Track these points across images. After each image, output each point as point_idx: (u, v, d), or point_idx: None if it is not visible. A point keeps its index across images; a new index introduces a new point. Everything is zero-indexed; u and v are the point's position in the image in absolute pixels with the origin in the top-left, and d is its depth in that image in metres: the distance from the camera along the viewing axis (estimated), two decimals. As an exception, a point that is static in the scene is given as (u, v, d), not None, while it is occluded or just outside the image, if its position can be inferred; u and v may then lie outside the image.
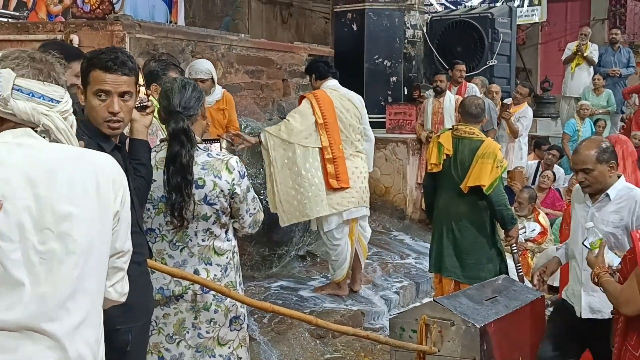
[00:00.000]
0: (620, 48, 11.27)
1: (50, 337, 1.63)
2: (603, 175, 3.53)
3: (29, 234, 1.62)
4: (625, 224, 3.53)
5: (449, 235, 5.06)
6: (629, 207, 3.53)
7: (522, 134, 8.38)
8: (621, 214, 3.53)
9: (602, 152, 3.54)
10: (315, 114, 5.30)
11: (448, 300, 3.86)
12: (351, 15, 9.20)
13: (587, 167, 3.53)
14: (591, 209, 3.63)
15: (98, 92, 2.50)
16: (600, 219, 3.58)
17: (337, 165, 5.33)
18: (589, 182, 3.55)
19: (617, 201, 3.56)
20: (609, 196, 3.57)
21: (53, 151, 1.73)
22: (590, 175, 3.54)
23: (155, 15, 9.94)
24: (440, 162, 5.01)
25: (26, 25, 6.61)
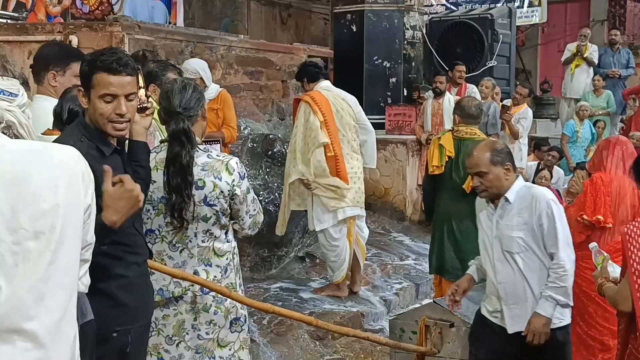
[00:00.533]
0: (620, 49, 11.28)
1: (31, 336, 1.61)
2: (498, 178, 3.35)
3: (3, 236, 1.59)
4: (530, 225, 3.33)
5: (450, 236, 5.05)
6: (530, 206, 3.33)
7: (522, 135, 8.38)
8: (523, 215, 3.33)
9: (496, 153, 3.37)
10: (316, 115, 5.30)
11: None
12: (351, 16, 9.20)
13: (481, 170, 3.35)
14: (495, 217, 3.43)
15: (105, 95, 2.47)
16: (505, 225, 3.38)
17: (338, 163, 5.36)
18: (485, 187, 3.37)
19: (517, 203, 3.36)
20: (508, 200, 3.37)
21: (20, 149, 1.69)
22: (485, 179, 3.35)
23: (154, 16, 9.94)
24: (443, 164, 5.00)
25: (25, 26, 6.61)
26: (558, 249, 3.29)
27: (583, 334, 4.58)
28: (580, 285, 4.58)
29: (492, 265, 3.42)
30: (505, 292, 3.38)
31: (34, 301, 1.61)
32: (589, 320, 4.56)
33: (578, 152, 9.57)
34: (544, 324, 3.30)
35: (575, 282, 4.60)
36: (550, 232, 3.29)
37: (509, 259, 3.36)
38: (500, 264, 3.39)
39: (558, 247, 3.29)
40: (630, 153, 4.56)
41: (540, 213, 3.29)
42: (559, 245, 3.30)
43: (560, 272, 3.31)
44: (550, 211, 3.29)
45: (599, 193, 4.41)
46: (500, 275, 3.39)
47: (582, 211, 4.43)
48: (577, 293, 4.62)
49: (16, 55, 5.96)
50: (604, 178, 4.44)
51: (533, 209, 3.30)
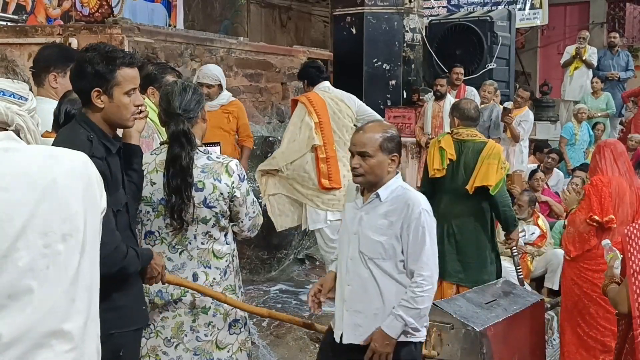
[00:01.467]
0: (619, 51, 11.29)
1: (68, 337, 1.64)
2: (381, 166, 2.96)
3: (35, 239, 1.62)
4: (394, 232, 2.95)
5: (450, 239, 5.04)
6: (401, 211, 2.94)
7: (523, 138, 8.38)
8: (390, 218, 2.96)
9: (389, 139, 2.98)
10: (311, 116, 5.32)
11: (447, 304, 3.85)
12: (350, 18, 9.19)
13: (367, 151, 2.95)
14: (360, 212, 3.04)
15: (131, 90, 2.52)
16: (369, 223, 3.00)
17: (329, 165, 5.34)
18: (364, 171, 2.96)
19: (388, 203, 2.98)
20: (379, 196, 2.99)
21: (39, 154, 1.72)
22: (368, 162, 2.95)
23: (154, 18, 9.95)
24: (444, 167, 4.99)
25: (25, 28, 6.61)
26: (421, 267, 2.93)
27: (584, 335, 4.59)
28: (582, 287, 4.59)
29: (345, 262, 3.06)
30: (352, 295, 3.03)
31: (68, 303, 1.66)
32: (590, 322, 4.57)
33: (577, 154, 9.58)
34: (387, 343, 2.94)
35: (577, 284, 4.63)
36: (415, 246, 2.93)
37: (364, 262, 3.00)
38: (352, 264, 3.03)
39: (421, 264, 2.93)
40: (619, 153, 4.60)
41: (410, 222, 2.92)
42: (422, 261, 2.93)
43: (418, 292, 2.94)
44: (422, 223, 2.93)
45: (603, 194, 4.43)
46: (351, 275, 3.03)
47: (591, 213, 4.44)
48: (579, 294, 4.63)
49: (16, 57, 5.97)
50: (603, 179, 4.47)
51: (404, 215, 2.93)
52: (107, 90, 2.49)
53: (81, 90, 2.54)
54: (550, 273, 6.57)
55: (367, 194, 3.04)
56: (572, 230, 4.64)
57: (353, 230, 3.03)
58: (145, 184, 2.96)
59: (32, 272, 1.61)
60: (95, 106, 2.51)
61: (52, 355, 1.62)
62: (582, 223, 4.51)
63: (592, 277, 4.50)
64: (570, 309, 4.73)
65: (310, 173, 5.33)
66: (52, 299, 1.63)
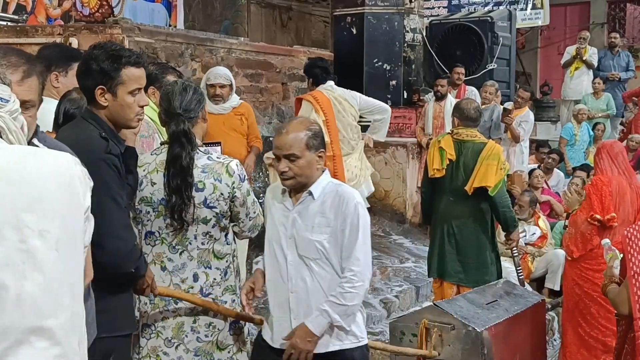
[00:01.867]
0: (620, 52, 11.29)
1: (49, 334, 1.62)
2: (310, 166, 2.83)
3: (8, 234, 1.60)
4: (333, 229, 2.83)
5: (450, 239, 5.05)
6: (336, 207, 2.83)
7: (523, 138, 8.38)
8: (328, 216, 2.84)
9: (313, 136, 2.85)
10: (318, 113, 5.35)
11: (448, 304, 3.85)
12: (351, 19, 9.20)
13: (294, 153, 2.80)
14: (292, 214, 2.89)
15: (135, 90, 2.52)
16: (304, 224, 2.86)
17: (335, 163, 5.39)
18: (293, 173, 2.82)
19: (322, 201, 2.86)
20: (312, 195, 2.86)
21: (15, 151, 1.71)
22: (297, 165, 2.81)
23: (154, 18, 9.94)
24: (444, 168, 5.00)
25: (25, 28, 6.61)
26: (352, 262, 2.82)
27: (585, 335, 4.59)
28: (583, 287, 4.60)
29: (285, 270, 2.89)
30: (298, 303, 2.87)
31: (50, 299, 1.63)
32: (592, 321, 4.57)
33: (577, 154, 9.58)
34: (309, 340, 2.80)
35: (577, 284, 4.63)
36: (350, 241, 2.82)
37: (305, 265, 2.86)
38: (294, 270, 2.87)
39: (353, 259, 2.81)
40: (616, 153, 4.62)
41: (345, 217, 2.82)
42: (354, 257, 2.82)
43: (347, 288, 2.81)
44: (357, 217, 2.82)
45: (603, 192, 4.45)
46: (294, 282, 2.87)
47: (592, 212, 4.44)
48: (580, 294, 4.63)
49: (16, 57, 5.96)
50: (603, 178, 4.49)
51: (339, 210, 2.82)
52: (111, 88, 2.50)
53: (86, 88, 2.56)
54: (551, 273, 6.57)
55: (296, 195, 2.90)
56: (573, 231, 4.64)
57: (288, 234, 2.87)
58: (145, 184, 2.96)
59: (8, 268, 1.59)
60: (99, 104, 2.52)
61: (33, 351, 1.60)
62: (584, 222, 4.52)
63: (593, 277, 4.51)
64: (572, 309, 4.73)
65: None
66: (29, 295, 1.60)
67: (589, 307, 4.58)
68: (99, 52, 2.52)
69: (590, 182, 4.65)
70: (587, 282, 4.56)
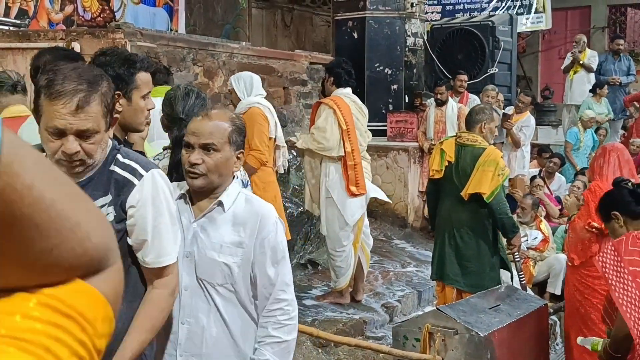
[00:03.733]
0: (621, 56, 11.29)
1: None
2: (227, 165, 2.32)
3: None
4: (247, 251, 2.30)
5: (451, 242, 5.06)
6: (252, 224, 2.31)
7: (524, 143, 8.39)
8: (240, 233, 2.31)
9: (237, 131, 2.34)
10: (339, 122, 5.33)
11: (451, 309, 3.85)
12: (352, 23, 9.21)
13: (212, 142, 2.28)
14: (194, 226, 2.33)
15: (147, 94, 2.57)
16: (209, 241, 2.31)
17: (357, 171, 5.38)
18: (206, 169, 2.28)
19: (234, 214, 2.33)
20: (222, 205, 2.32)
21: None
22: (212, 157, 2.28)
23: (156, 23, 9.95)
24: (442, 169, 5.04)
25: (27, 33, 6.61)
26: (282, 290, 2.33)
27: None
28: (583, 293, 4.58)
29: (179, 294, 2.28)
30: (190, 336, 2.32)
31: None
32: (592, 327, 4.55)
33: (580, 159, 9.58)
34: None
35: (578, 290, 4.62)
36: (274, 265, 2.32)
37: (204, 292, 2.31)
38: (188, 295, 2.32)
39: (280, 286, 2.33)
40: (627, 160, 4.59)
41: (265, 237, 2.30)
42: (281, 282, 2.33)
43: (283, 320, 2.32)
44: (279, 237, 2.34)
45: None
46: (187, 311, 2.32)
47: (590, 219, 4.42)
48: (580, 300, 4.62)
49: (19, 62, 5.97)
50: (602, 186, 4.45)
51: (256, 228, 2.30)
52: (126, 93, 2.51)
53: None
54: (553, 278, 6.56)
55: (199, 203, 2.35)
56: (574, 238, 4.62)
57: (184, 252, 2.30)
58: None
59: None
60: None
61: None
62: (582, 230, 4.50)
63: (593, 284, 4.49)
64: (573, 315, 4.72)
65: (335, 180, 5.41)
66: None
67: (589, 313, 4.56)
68: (112, 57, 2.53)
69: (588, 189, 4.61)
70: (587, 289, 4.54)
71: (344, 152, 5.34)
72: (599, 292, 4.35)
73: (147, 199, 2.06)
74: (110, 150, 2.07)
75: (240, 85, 5.12)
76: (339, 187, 5.38)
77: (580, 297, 4.61)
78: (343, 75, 5.51)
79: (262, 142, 4.90)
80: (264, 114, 4.94)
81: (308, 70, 8.53)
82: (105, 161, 2.05)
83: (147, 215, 2.06)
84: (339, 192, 5.37)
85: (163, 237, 2.09)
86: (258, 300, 2.34)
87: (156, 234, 2.08)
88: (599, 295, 4.35)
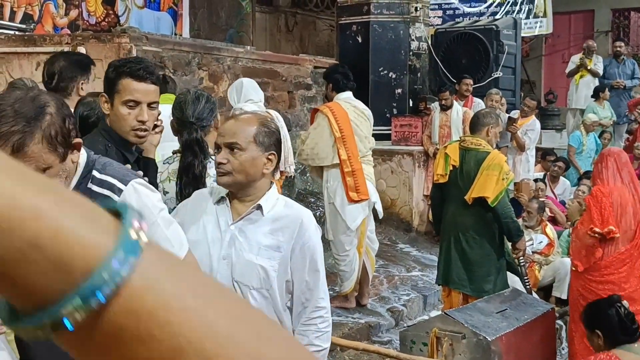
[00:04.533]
0: (625, 60, 11.29)
1: None
2: (254, 164, 2.30)
3: None
4: (285, 255, 2.31)
5: (457, 246, 5.06)
6: (291, 228, 2.32)
7: (529, 146, 8.39)
8: (278, 237, 2.32)
9: (267, 134, 2.33)
10: (332, 130, 5.32)
11: (459, 313, 3.85)
12: (356, 27, 9.21)
13: (237, 142, 2.29)
14: (232, 228, 2.34)
15: (129, 101, 2.49)
16: (247, 243, 2.32)
17: (356, 178, 5.36)
18: (232, 168, 2.29)
19: (272, 218, 2.34)
20: (261, 209, 2.33)
21: None
22: (237, 157, 2.28)
23: (160, 27, 9.97)
24: (447, 173, 5.04)
25: (33, 37, 6.63)
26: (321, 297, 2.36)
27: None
28: (587, 298, 4.56)
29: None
30: None
31: None
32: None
33: (584, 163, 9.58)
34: None
35: (582, 295, 4.60)
36: (312, 269, 2.34)
37: (240, 294, 2.27)
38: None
39: (319, 293, 2.36)
40: (624, 163, 4.59)
41: (305, 242, 2.32)
42: (321, 290, 2.37)
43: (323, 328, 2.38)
44: (317, 244, 2.37)
45: (603, 204, 4.41)
46: None
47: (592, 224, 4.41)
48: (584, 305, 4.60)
49: (24, 66, 5.98)
50: (603, 190, 4.44)
51: (295, 234, 2.31)
52: (110, 96, 2.51)
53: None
54: (558, 282, 6.55)
55: (237, 207, 2.36)
56: (578, 244, 4.59)
57: (221, 254, 2.32)
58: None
59: None
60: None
61: None
62: (585, 236, 4.48)
63: (597, 289, 4.48)
64: (577, 320, 4.69)
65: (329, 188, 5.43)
66: None
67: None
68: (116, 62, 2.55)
69: (590, 194, 4.60)
70: (590, 294, 4.52)
71: (339, 160, 5.34)
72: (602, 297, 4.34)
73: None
74: (85, 167, 1.94)
75: (233, 93, 5.15)
76: (340, 193, 5.39)
77: (584, 303, 4.58)
78: (341, 80, 5.54)
79: None
80: None
81: (312, 74, 8.54)
82: (80, 182, 1.93)
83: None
84: (340, 198, 5.39)
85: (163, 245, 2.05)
86: (293, 306, 2.34)
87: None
88: (602, 301, 4.34)
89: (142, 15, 9.85)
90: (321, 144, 5.36)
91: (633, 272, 4.42)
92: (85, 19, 9.18)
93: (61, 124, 1.77)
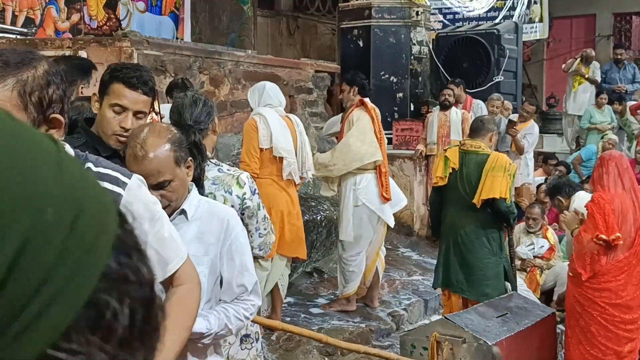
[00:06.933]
0: (626, 64, 11.28)
1: None
2: (184, 183, 2.25)
3: None
4: (211, 258, 2.25)
5: (456, 249, 5.05)
6: (217, 230, 2.25)
7: (528, 150, 8.39)
8: (206, 241, 2.25)
9: (178, 147, 2.22)
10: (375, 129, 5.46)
11: (459, 317, 3.84)
12: (357, 31, 9.22)
13: (164, 179, 2.17)
14: None
15: (115, 105, 2.51)
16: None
17: (387, 180, 5.51)
18: (170, 200, 2.21)
19: (198, 221, 2.26)
20: (185, 214, 2.25)
21: None
22: (170, 189, 2.19)
23: (161, 31, 9.98)
24: (446, 176, 5.05)
25: (34, 41, 6.63)
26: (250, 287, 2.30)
27: (586, 354, 4.52)
28: (583, 305, 4.53)
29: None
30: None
31: None
32: (592, 340, 4.50)
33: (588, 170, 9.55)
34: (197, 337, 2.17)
35: (578, 301, 4.57)
36: (242, 267, 2.28)
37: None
38: None
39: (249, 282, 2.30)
40: (625, 168, 4.54)
41: (232, 241, 2.26)
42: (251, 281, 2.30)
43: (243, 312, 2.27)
44: (246, 242, 2.34)
45: (606, 211, 4.36)
46: None
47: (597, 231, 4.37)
48: (580, 312, 4.57)
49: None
50: (605, 196, 4.39)
51: (222, 233, 2.25)
52: (101, 97, 2.56)
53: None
54: (560, 286, 6.52)
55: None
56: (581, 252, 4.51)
57: None
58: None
59: None
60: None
61: None
62: (589, 243, 4.42)
63: (594, 296, 4.45)
64: (573, 327, 4.67)
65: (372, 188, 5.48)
66: None
67: (589, 325, 4.49)
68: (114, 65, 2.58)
69: (592, 200, 4.54)
70: (587, 301, 4.49)
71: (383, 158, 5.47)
72: (599, 305, 4.33)
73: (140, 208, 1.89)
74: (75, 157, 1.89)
75: (254, 96, 5.08)
76: (376, 193, 5.47)
77: (580, 309, 4.55)
78: (366, 86, 5.73)
79: (248, 153, 4.82)
80: (255, 125, 4.84)
81: (313, 79, 8.53)
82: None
83: (144, 228, 1.92)
84: (377, 199, 5.46)
85: (167, 243, 1.94)
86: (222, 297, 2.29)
87: (160, 243, 1.93)
88: (598, 308, 4.32)
89: (144, 19, 9.86)
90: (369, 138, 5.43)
91: (631, 279, 4.39)
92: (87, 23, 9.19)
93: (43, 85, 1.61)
